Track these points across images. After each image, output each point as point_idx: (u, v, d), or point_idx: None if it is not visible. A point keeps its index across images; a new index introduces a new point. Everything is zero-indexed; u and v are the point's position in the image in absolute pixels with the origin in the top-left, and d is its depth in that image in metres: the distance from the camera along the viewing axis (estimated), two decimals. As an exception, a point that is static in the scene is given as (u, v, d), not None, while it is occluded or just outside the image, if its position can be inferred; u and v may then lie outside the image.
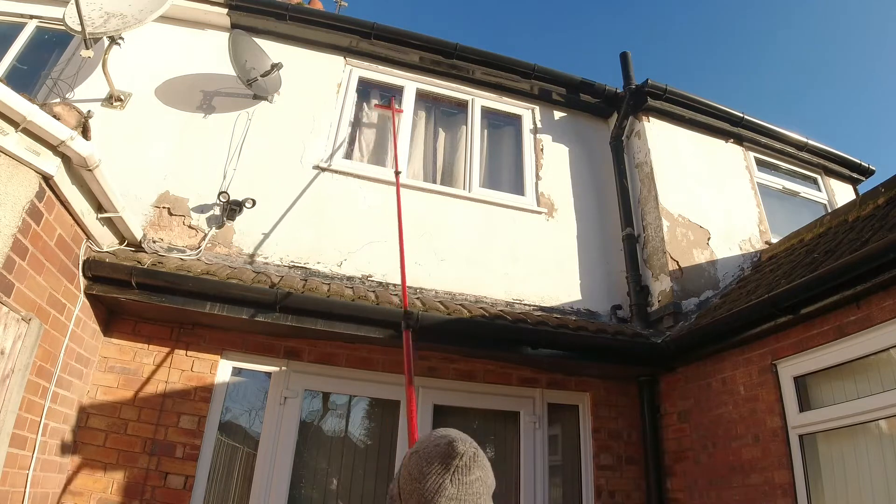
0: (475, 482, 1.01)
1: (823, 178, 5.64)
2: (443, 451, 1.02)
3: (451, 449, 1.01)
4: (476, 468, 1.02)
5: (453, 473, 0.99)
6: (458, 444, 1.02)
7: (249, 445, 3.39)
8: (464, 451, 1.01)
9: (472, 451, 1.02)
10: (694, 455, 3.58)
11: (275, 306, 3.18)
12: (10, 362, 2.27)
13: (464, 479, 1.00)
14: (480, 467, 1.03)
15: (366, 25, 4.75)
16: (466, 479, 1.00)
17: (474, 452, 1.03)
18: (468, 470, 1.00)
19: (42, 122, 2.32)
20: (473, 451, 1.03)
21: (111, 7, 3.76)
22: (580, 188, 4.86)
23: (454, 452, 1.01)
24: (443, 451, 1.02)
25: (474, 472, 1.01)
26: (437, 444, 1.04)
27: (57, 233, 2.63)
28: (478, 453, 1.04)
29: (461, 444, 1.02)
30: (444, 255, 4.17)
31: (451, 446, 1.02)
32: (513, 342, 3.58)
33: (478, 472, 1.02)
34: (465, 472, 1.00)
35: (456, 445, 1.02)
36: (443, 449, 1.02)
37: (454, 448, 1.01)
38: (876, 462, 2.63)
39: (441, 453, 1.02)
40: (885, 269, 2.52)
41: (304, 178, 4.18)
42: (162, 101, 4.19)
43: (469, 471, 1.00)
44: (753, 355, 3.29)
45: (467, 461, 1.01)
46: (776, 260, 4.13)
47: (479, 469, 1.02)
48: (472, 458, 1.02)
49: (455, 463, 1.00)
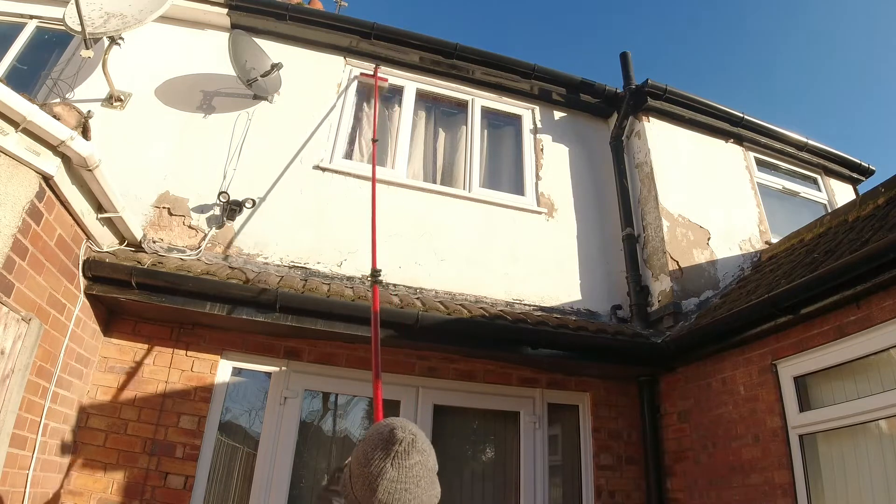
0: (415, 466, 1.08)
1: (823, 178, 5.64)
2: (385, 437, 1.09)
3: (392, 436, 1.08)
4: (415, 453, 1.08)
5: (393, 458, 1.06)
6: (398, 431, 1.09)
7: (249, 445, 3.39)
8: (402, 437, 1.08)
9: (410, 438, 1.08)
10: (694, 455, 3.58)
11: (275, 306, 3.18)
12: (10, 362, 2.27)
13: (403, 463, 1.06)
14: (420, 452, 1.09)
15: (366, 25, 4.76)
16: (406, 463, 1.07)
17: (412, 438, 1.09)
18: (407, 455, 1.07)
19: (42, 122, 2.32)
20: (412, 437, 1.09)
21: (111, 7, 3.76)
22: (580, 188, 4.86)
23: (394, 439, 1.08)
24: (385, 437, 1.09)
25: (413, 457, 1.08)
26: (381, 431, 1.11)
27: (57, 233, 2.63)
28: (416, 439, 1.10)
29: (400, 431, 1.09)
30: (444, 255, 4.17)
31: (391, 433, 1.09)
32: (513, 342, 3.58)
33: (417, 457, 1.08)
34: (405, 457, 1.07)
35: (396, 433, 1.08)
36: (385, 436, 1.09)
37: (394, 435, 1.08)
38: (876, 462, 2.63)
39: (383, 440, 1.09)
40: (885, 269, 2.52)
41: (305, 177, 4.18)
42: (162, 101, 4.19)
43: (408, 455, 1.07)
44: (753, 355, 3.29)
45: (406, 447, 1.08)
46: (776, 260, 4.13)
47: (417, 454, 1.09)
48: (411, 444, 1.08)
49: (395, 448, 1.07)
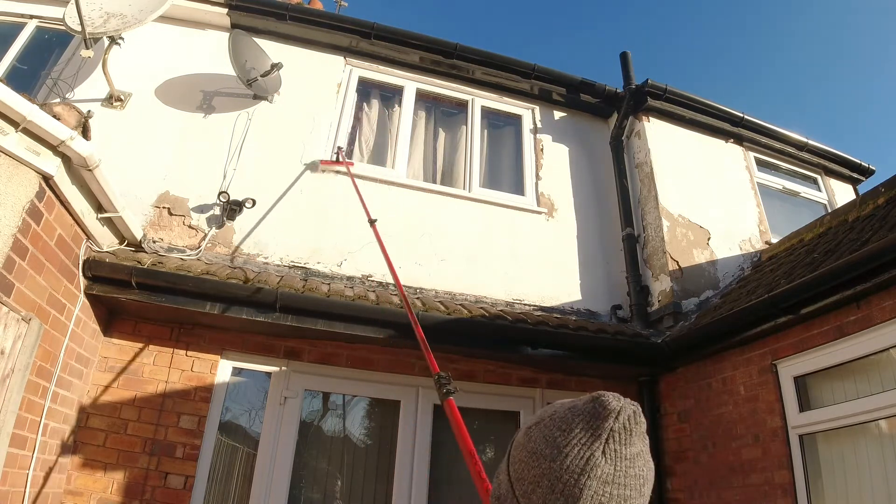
0: (637, 458, 0.65)
1: (823, 178, 5.63)
2: (587, 410, 0.66)
3: (600, 406, 0.65)
4: (637, 438, 0.65)
5: (607, 441, 0.63)
6: (607, 398, 0.66)
7: (249, 445, 3.39)
8: (619, 407, 0.65)
9: (630, 410, 0.66)
10: (694, 455, 3.58)
11: (275, 306, 3.18)
12: (10, 362, 2.27)
13: (622, 452, 0.64)
14: (642, 437, 0.67)
15: (366, 25, 4.75)
16: (626, 452, 0.64)
17: (634, 411, 0.66)
18: (629, 436, 0.65)
19: (42, 122, 2.32)
20: (633, 409, 0.66)
21: (111, 7, 3.76)
22: (580, 188, 4.86)
23: (605, 410, 0.65)
24: (587, 410, 0.66)
25: (635, 444, 0.65)
26: (574, 404, 0.68)
27: (57, 233, 2.63)
28: (638, 412, 0.67)
29: (614, 399, 0.66)
30: (444, 255, 4.17)
31: (598, 402, 0.66)
32: (513, 342, 3.58)
33: (639, 445, 0.66)
34: (625, 442, 0.64)
35: (606, 401, 0.66)
36: (587, 408, 0.66)
37: (604, 405, 0.65)
38: (876, 462, 2.63)
39: (585, 413, 0.66)
40: (885, 269, 2.52)
41: (304, 177, 4.18)
42: (162, 101, 4.19)
43: (630, 439, 0.65)
44: (753, 355, 3.29)
45: (625, 422, 0.65)
46: (776, 260, 4.13)
47: (640, 440, 0.66)
48: (633, 420, 0.65)
49: (608, 426, 0.64)
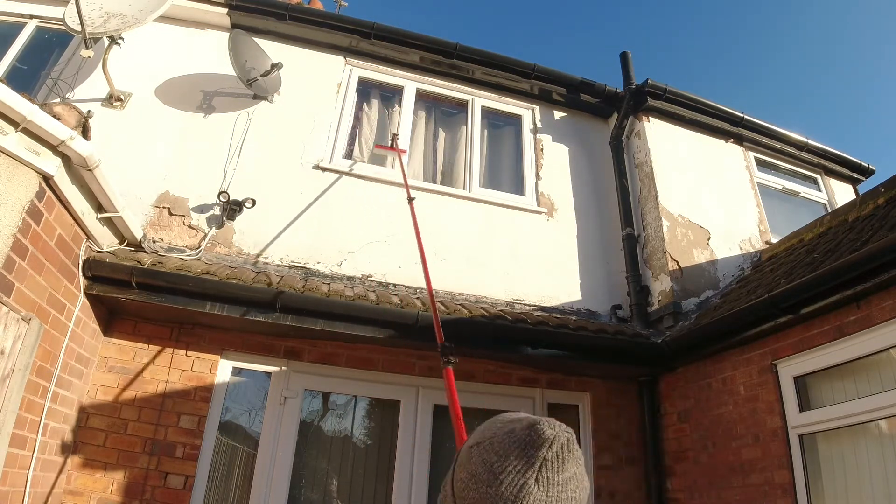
0: (569, 482, 0.70)
1: (823, 178, 5.64)
2: (524, 438, 0.71)
3: (536, 435, 0.70)
4: (571, 463, 0.71)
5: (540, 470, 0.69)
6: (544, 427, 0.71)
7: (249, 445, 3.39)
8: (553, 435, 0.70)
9: (564, 437, 0.71)
10: (694, 455, 3.58)
11: (275, 306, 3.18)
12: (10, 362, 2.27)
13: (554, 479, 0.69)
14: (576, 462, 0.72)
15: (366, 25, 4.75)
16: (558, 478, 0.69)
17: (568, 438, 0.72)
18: (562, 464, 0.70)
19: (42, 122, 2.32)
20: (567, 435, 0.72)
21: (111, 7, 3.76)
22: (580, 188, 4.86)
23: (540, 439, 0.70)
24: (524, 438, 0.71)
25: (568, 469, 0.70)
26: (512, 429, 0.73)
27: (57, 233, 2.63)
28: (571, 440, 0.72)
29: (548, 428, 0.71)
30: (444, 255, 4.17)
31: (535, 431, 0.71)
32: (513, 342, 3.58)
33: (573, 469, 0.71)
34: (557, 469, 0.69)
35: (541, 429, 0.71)
36: (523, 436, 0.71)
37: (539, 433, 0.70)
38: (876, 462, 2.63)
39: (520, 442, 0.71)
40: (885, 269, 2.52)
41: (304, 177, 4.18)
42: (162, 101, 4.19)
43: (563, 466, 0.70)
44: (753, 355, 3.29)
45: (558, 451, 0.70)
46: (776, 260, 4.13)
47: (573, 464, 0.71)
48: (566, 448, 0.71)
49: (542, 454, 0.69)
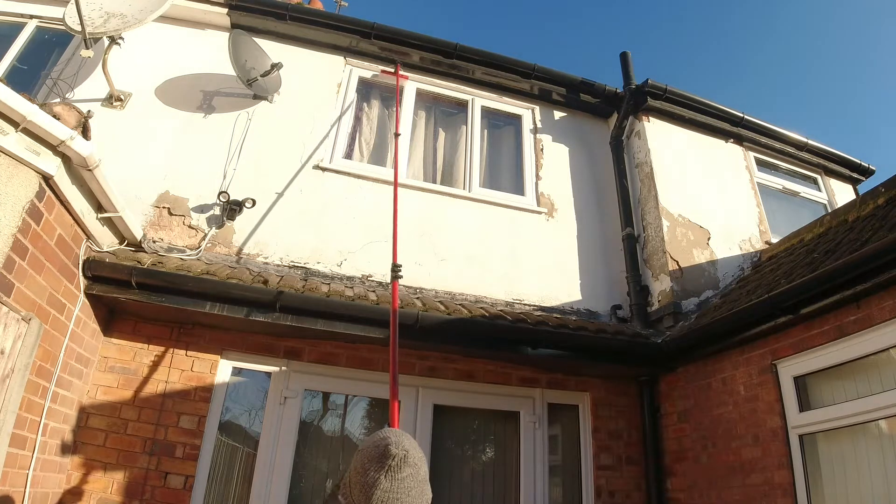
0: (406, 478, 1.25)
1: (823, 178, 5.64)
2: (380, 452, 1.26)
3: (386, 452, 1.25)
4: (406, 467, 1.25)
5: (387, 471, 1.23)
6: (391, 447, 1.26)
7: (249, 445, 3.39)
8: (395, 453, 1.25)
9: (402, 454, 1.25)
10: (694, 455, 3.58)
11: (275, 306, 3.18)
12: (10, 362, 2.27)
13: (395, 476, 1.24)
14: (411, 466, 1.26)
15: (366, 25, 4.75)
16: (398, 476, 1.24)
17: (404, 454, 1.26)
18: (399, 469, 1.24)
19: (42, 122, 2.32)
20: (404, 453, 1.26)
21: (111, 7, 3.76)
22: (580, 188, 4.86)
23: (388, 454, 1.25)
24: (380, 452, 1.26)
25: (405, 471, 1.25)
26: (377, 445, 1.28)
27: (57, 233, 2.63)
28: (408, 455, 1.26)
29: (394, 448, 1.26)
30: (444, 255, 4.17)
31: (386, 450, 1.25)
32: (513, 342, 3.58)
33: (408, 470, 1.25)
34: (397, 471, 1.24)
35: (390, 449, 1.25)
36: (381, 451, 1.26)
37: (388, 451, 1.25)
38: (876, 462, 2.63)
39: (378, 454, 1.26)
40: (885, 269, 2.52)
41: (304, 177, 4.18)
42: (162, 101, 4.19)
43: (400, 469, 1.24)
44: (753, 355, 3.29)
45: (398, 462, 1.24)
46: (776, 260, 4.13)
47: (409, 468, 1.26)
48: (403, 460, 1.25)
49: (388, 463, 1.24)
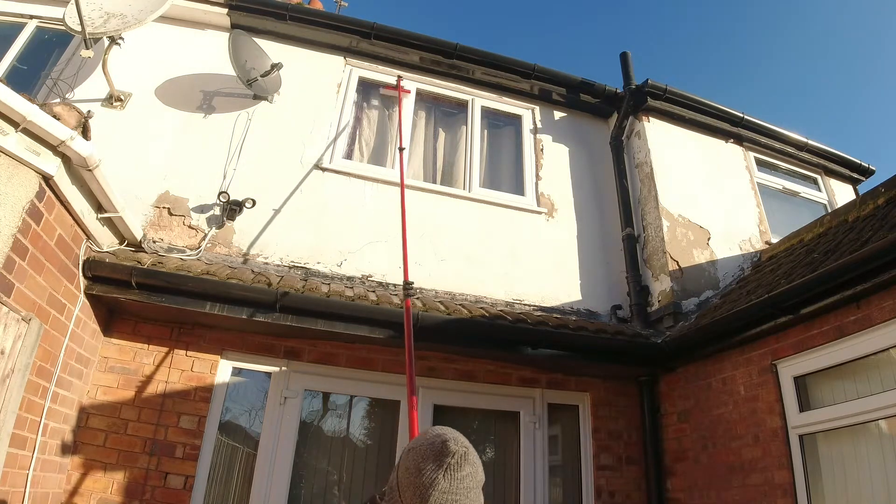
0: (466, 477, 1.13)
1: (823, 178, 5.64)
2: (437, 449, 1.15)
3: (445, 448, 1.14)
4: (466, 465, 1.14)
5: (446, 470, 1.12)
6: (451, 443, 1.15)
7: (249, 445, 3.39)
8: (456, 449, 1.14)
9: (462, 451, 1.15)
10: (694, 455, 3.58)
11: (275, 306, 3.18)
12: (10, 362, 2.27)
13: (455, 475, 1.12)
14: (471, 464, 1.16)
15: (366, 25, 4.75)
16: (458, 475, 1.12)
17: (465, 451, 1.15)
18: (459, 467, 1.13)
19: (42, 122, 2.32)
20: (464, 450, 1.15)
21: (111, 7, 3.76)
22: (580, 188, 4.86)
23: (447, 451, 1.13)
24: (437, 449, 1.15)
25: (465, 469, 1.14)
26: (433, 442, 1.17)
27: (57, 233, 2.63)
28: (468, 452, 1.16)
29: (454, 444, 1.15)
30: (444, 255, 4.17)
31: (444, 445, 1.15)
32: (513, 342, 3.58)
33: (468, 469, 1.15)
34: (457, 469, 1.13)
35: (449, 445, 1.15)
36: (438, 448, 1.15)
37: (447, 447, 1.14)
38: (876, 462, 2.63)
39: (436, 451, 1.14)
40: (885, 269, 2.52)
41: (304, 178, 4.17)
42: (162, 101, 4.19)
43: (460, 467, 1.13)
44: (753, 355, 3.29)
45: (458, 459, 1.13)
46: (776, 260, 4.13)
47: (469, 466, 1.15)
48: (463, 457, 1.14)
49: (448, 461, 1.12)
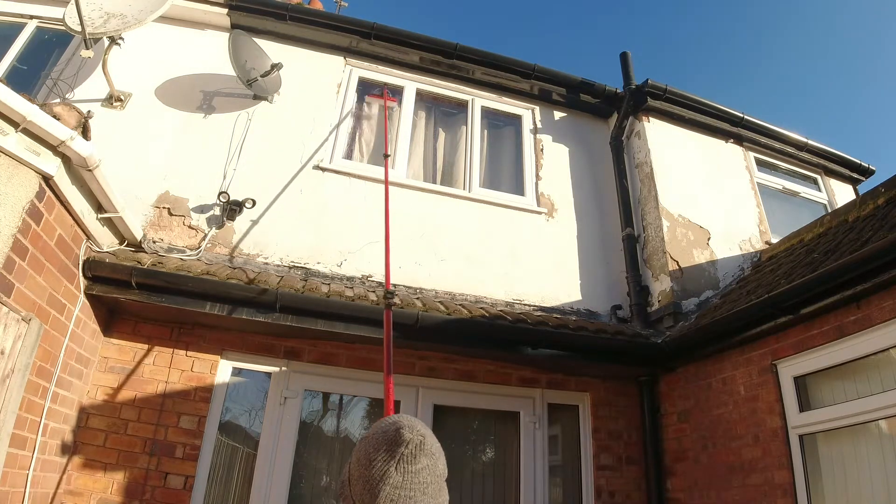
0: (422, 471, 0.97)
1: (823, 178, 5.64)
2: (390, 437, 0.99)
3: (398, 436, 0.98)
4: (423, 456, 0.98)
5: (398, 461, 0.96)
6: (404, 431, 0.98)
7: (249, 445, 3.39)
8: (410, 438, 0.97)
9: (418, 440, 0.98)
10: (694, 455, 3.58)
11: (275, 306, 3.18)
12: (10, 362, 2.27)
13: (409, 468, 0.96)
14: (428, 455, 0.99)
15: (366, 25, 4.75)
16: (412, 468, 0.96)
17: (421, 440, 0.98)
18: (414, 458, 0.97)
19: (42, 122, 2.32)
20: (420, 438, 0.99)
21: (111, 7, 3.76)
22: (580, 188, 4.86)
23: (400, 440, 0.97)
24: (390, 437, 0.99)
25: (421, 461, 0.97)
26: (386, 430, 1.01)
27: (57, 233, 2.63)
28: (425, 441, 0.99)
29: (408, 432, 0.98)
30: (444, 255, 4.17)
31: (397, 433, 0.98)
32: (513, 342, 3.58)
33: (425, 461, 0.98)
34: (411, 461, 0.96)
35: (402, 433, 0.98)
36: (390, 436, 0.99)
37: (401, 435, 0.98)
38: (876, 462, 2.63)
39: (388, 440, 0.98)
40: (885, 269, 2.52)
41: (304, 178, 4.18)
42: (162, 101, 4.19)
43: (415, 459, 0.97)
44: (753, 355, 3.29)
45: (413, 449, 0.97)
46: (776, 260, 4.13)
47: (425, 457, 0.98)
48: (419, 447, 0.98)
49: (401, 451, 0.96)
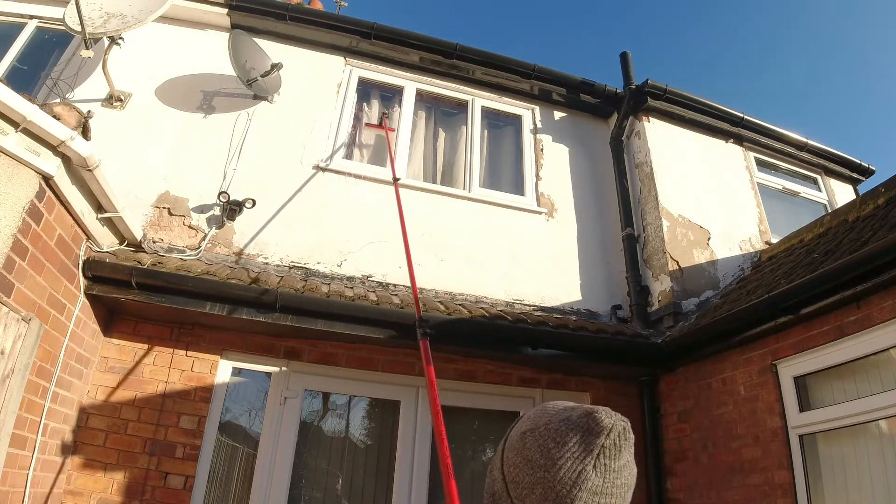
0: (623, 469, 0.73)
1: (823, 179, 5.64)
2: (580, 425, 0.73)
3: (594, 423, 0.72)
4: (626, 450, 0.74)
5: (598, 457, 0.71)
6: (601, 415, 0.73)
7: (249, 445, 3.39)
8: (611, 424, 0.72)
9: (621, 426, 0.74)
10: (694, 455, 3.58)
11: (275, 306, 3.18)
12: (10, 362, 2.27)
13: (611, 465, 0.71)
14: (630, 449, 0.75)
15: (366, 25, 4.75)
16: (614, 465, 0.71)
17: (623, 427, 0.74)
18: (619, 451, 0.72)
19: (42, 122, 2.32)
20: (623, 424, 0.74)
21: (111, 7, 3.76)
22: (580, 188, 4.86)
23: (598, 427, 0.72)
24: (580, 425, 0.73)
25: (623, 456, 0.73)
26: (568, 416, 0.74)
27: (57, 233, 2.63)
28: (627, 428, 0.75)
29: (606, 416, 0.73)
30: (443, 255, 4.17)
31: (593, 419, 0.73)
32: (513, 342, 3.58)
33: (627, 456, 0.74)
34: (614, 456, 0.72)
35: (600, 418, 0.73)
36: (580, 422, 0.73)
37: (597, 421, 0.72)
38: (876, 462, 2.63)
39: (580, 428, 0.73)
40: (885, 269, 2.52)
41: (304, 178, 4.18)
42: (162, 101, 4.19)
43: (620, 453, 0.72)
44: (753, 355, 3.29)
45: (615, 439, 0.72)
46: (776, 260, 4.13)
47: (628, 452, 0.74)
48: (622, 436, 0.73)
49: (600, 442, 0.71)
